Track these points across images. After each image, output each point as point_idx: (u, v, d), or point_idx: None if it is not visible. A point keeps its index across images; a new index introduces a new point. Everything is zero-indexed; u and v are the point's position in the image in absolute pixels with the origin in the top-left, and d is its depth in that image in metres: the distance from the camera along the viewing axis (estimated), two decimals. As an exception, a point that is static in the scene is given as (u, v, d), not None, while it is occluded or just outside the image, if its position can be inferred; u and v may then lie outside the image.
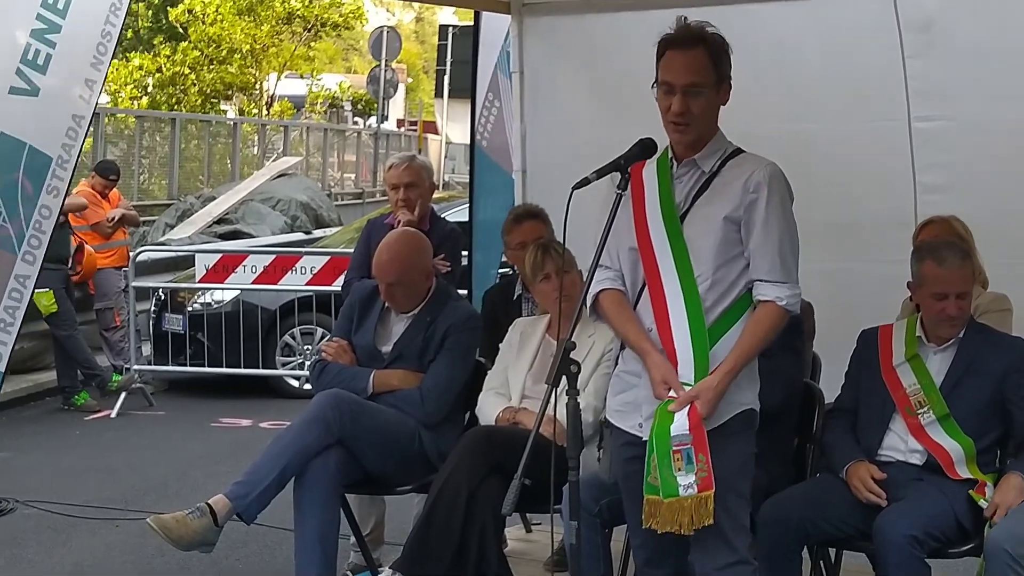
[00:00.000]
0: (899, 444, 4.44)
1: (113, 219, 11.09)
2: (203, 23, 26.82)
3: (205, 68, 26.86)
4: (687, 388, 3.65)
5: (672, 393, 3.65)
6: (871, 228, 6.04)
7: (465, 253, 6.45)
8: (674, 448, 3.58)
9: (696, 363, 3.67)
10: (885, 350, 4.55)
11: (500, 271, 7.51)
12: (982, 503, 4.24)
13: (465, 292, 6.63)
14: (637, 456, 3.73)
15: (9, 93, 4.47)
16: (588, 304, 3.89)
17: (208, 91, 27.18)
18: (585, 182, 3.64)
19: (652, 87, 3.76)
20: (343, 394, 5.05)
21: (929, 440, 4.37)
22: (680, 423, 3.59)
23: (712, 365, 3.67)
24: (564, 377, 3.58)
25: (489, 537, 4.71)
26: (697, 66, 3.69)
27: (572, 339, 3.65)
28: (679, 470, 3.58)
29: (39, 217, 4.54)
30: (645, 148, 3.78)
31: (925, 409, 4.39)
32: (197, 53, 26.60)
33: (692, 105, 3.69)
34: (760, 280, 3.71)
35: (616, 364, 3.95)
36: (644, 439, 3.70)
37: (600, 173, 3.68)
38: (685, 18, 3.76)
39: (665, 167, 3.82)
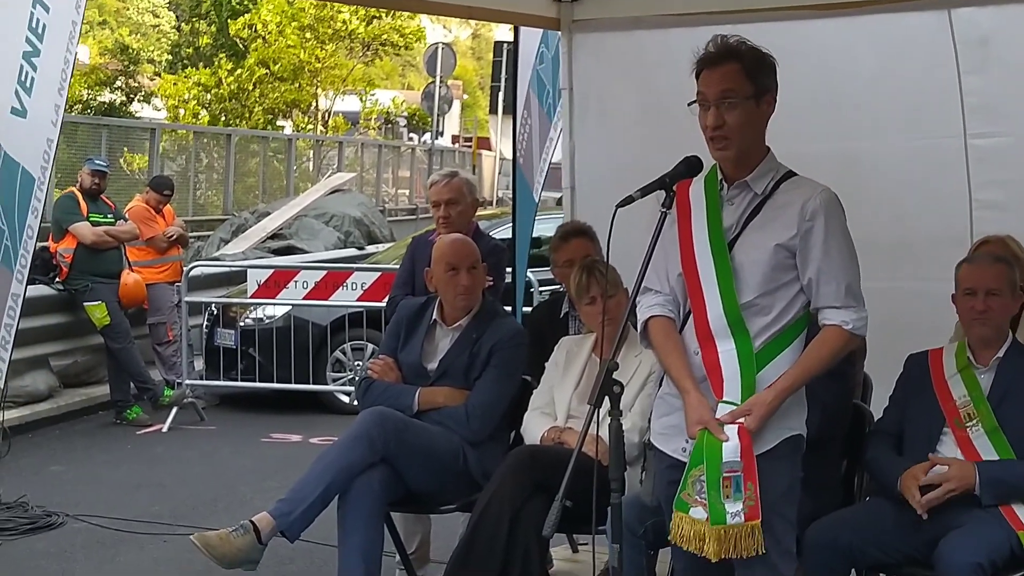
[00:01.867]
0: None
1: (172, 236, 11.18)
2: (264, 40, 27.01)
3: (271, 86, 27.04)
4: (734, 408, 3.59)
5: (720, 414, 3.59)
6: (926, 246, 5.94)
7: (509, 269, 6.42)
8: (724, 475, 3.53)
9: (743, 384, 3.62)
10: (936, 367, 4.51)
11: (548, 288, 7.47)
12: None
13: (509, 308, 6.59)
14: (680, 479, 3.67)
15: (10, 113, 4.55)
16: (639, 330, 3.85)
17: (272, 108, 27.39)
18: (629, 200, 3.60)
19: (688, 105, 3.72)
20: (388, 412, 5.03)
21: (976, 457, 4.30)
22: (731, 448, 3.53)
23: (759, 388, 3.61)
24: (607, 398, 3.54)
25: (532, 557, 4.67)
26: (729, 77, 3.64)
27: (617, 359, 3.62)
28: (727, 497, 3.53)
29: (26, 237, 4.60)
30: (691, 166, 3.74)
31: (974, 422, 4.34)
32: (264, 71, 26.78)
33: (727, 116, 3.63)
34: (826, 307, 3.65)
35: (660, 385, 3.89)
36: (686, 462, 3.65)
37: (645, 191, 3.65)
38: (722, 37, 3.71)
39: (714, 188, 3.76)
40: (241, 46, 27.66)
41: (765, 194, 3.71)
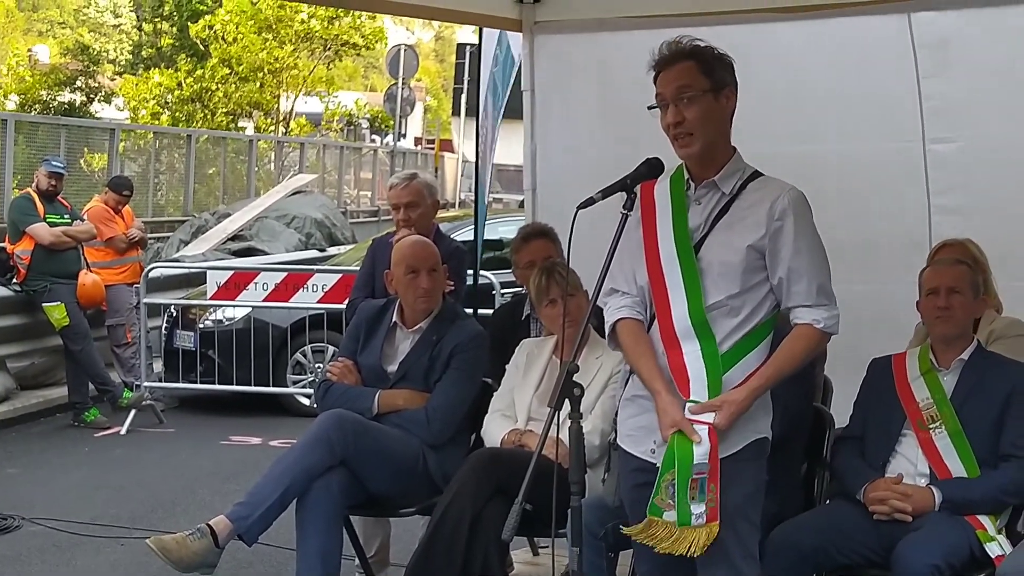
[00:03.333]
0: (908, 467, 4.37)
1: (133, 239, 11.11)
2: (224, 41, 26.86)
3: (233, 86, 26.89)
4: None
5: (688, 414, 3.58)
6: (885, 250, 5.98)
7: (470, 272, 6.39)
8: (693, 476, 3.52)
9: (709, 384, 3.59)
10: (900, 370, 4.52)
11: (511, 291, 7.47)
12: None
13: (470, 311, 6.57)
14: (647, 482, 3.63)
15: None
16: (607, 332, 3.83)
17: (234, 109, 27.26)
18: (591, 202, 3.59)
19: (649, 109, 3.72)
20: (346, 414, 4.99)
21: (937, 458, 4.32)
22: (702, 451, 3.51)
23: (726, 389, 3.59)
24: (567, 400, 3.52)
25: (493, 561, 4.63)
26: (685, 74, 3.64)
27: (577, 361, 3.60)
28: (692, 499, 3.51)
29: None
30: (652, 168, 3.73)
31: (937, 424, 4.35)
32: (226, 71, 26.61)
33: (686, 112, 3.62)
34: (798, 306, 3.64)
35: (626, 386, 3.87)
36: (656, 464, 3.62)
37: (606, 193, 3.64)
38: (675, 40, 3.71)
39: (680, 188, 3.74)
40: (202, 47, 27.47)
41: (732, 194, 3.70)
